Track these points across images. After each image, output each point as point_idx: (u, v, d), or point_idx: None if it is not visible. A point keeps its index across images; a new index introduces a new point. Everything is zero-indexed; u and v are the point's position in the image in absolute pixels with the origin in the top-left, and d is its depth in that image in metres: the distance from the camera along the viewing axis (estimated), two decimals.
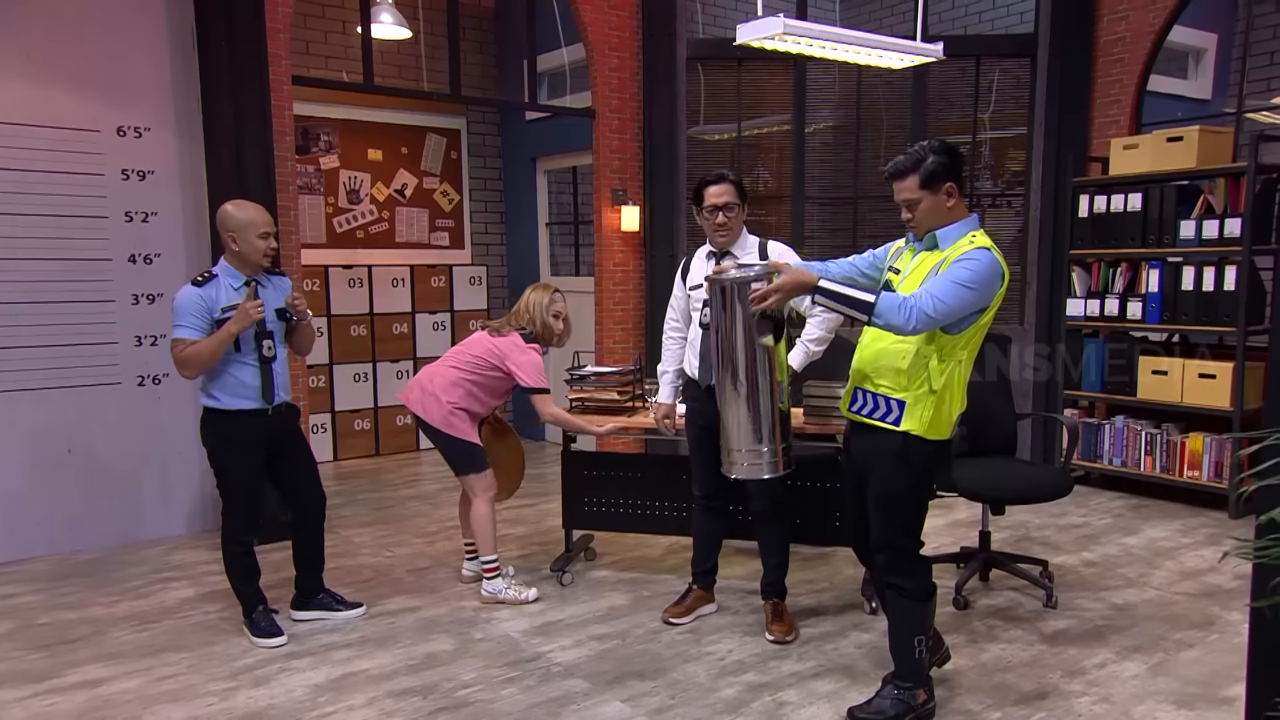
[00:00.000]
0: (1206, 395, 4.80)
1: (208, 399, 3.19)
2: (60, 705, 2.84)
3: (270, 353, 3.22)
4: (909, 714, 2.64)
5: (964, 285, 2.38)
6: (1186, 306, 4.88)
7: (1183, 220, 4.90)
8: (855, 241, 6.11)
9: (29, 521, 4.22)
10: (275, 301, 3.25)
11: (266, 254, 3.19)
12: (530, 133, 6.77)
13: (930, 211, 2.52)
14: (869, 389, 2.60)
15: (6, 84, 4.03)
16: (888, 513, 2.59)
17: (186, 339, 3.07)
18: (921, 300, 2.38)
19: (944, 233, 2.52)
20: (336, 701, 2.85)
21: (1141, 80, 5.42)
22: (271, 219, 3.24)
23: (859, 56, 3.87)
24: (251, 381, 3.17)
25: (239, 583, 3.29)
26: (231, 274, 3.18)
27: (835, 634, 3.32)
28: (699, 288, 3.28)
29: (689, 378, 3.37)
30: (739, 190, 3.19)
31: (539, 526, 4.73)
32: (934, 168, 2.48)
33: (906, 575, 2.61)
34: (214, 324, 3.10)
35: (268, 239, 3.18)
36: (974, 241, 2.49)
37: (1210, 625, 3.38)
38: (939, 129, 6.06)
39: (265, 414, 3.21)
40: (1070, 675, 2.98)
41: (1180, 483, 4.96)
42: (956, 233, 2.52)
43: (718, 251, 3.26)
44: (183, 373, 3.15)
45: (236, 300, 3.12)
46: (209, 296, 3.11)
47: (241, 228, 3.13)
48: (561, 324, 3.70)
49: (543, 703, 2.83)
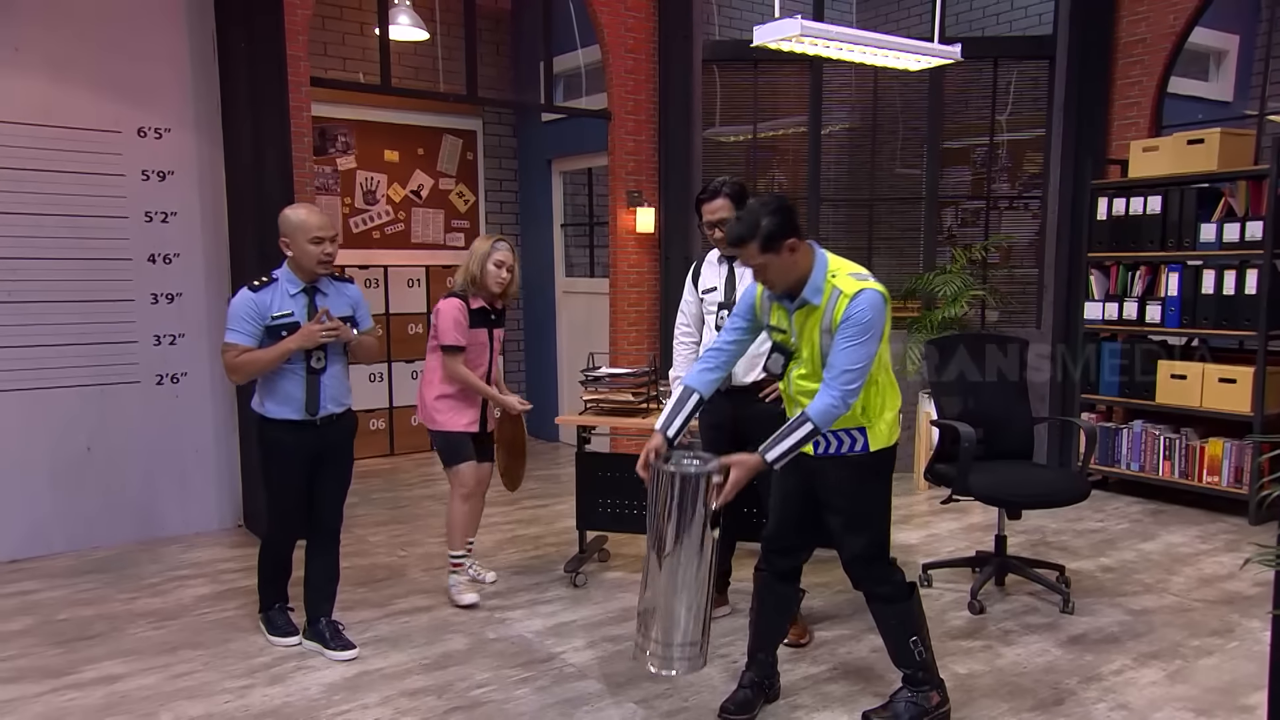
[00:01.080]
0: (1226, 400, 4.75)
1: (257, 405, 3.12)
2: (79, 701, 2.87)
3: (320, 364, 3.09)
4: (924, 717, 2.62)
5: (864, 341, 2.41)
6: (1207, 310, 4.83)
7: (1203, 223, 4.85)
8: (871, 244, 6.09)
9: (49, 518, 4.26)
10: (337, 310, 3.12)
11: (322, 260, 3.03)
12: (546, 134, 6.79)
13: (780, 271, 2.46)
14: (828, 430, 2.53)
15: (31, 85, 4.08)
16: (868, 530, 2.59)
17: (237, 345, 2.99)
18: (842, 380, 2.41)
19: (809, 290, 2.48)
20: (351, 700, 2.86)
21: (1162, 82, 5.38)
22: (330, 222, 3.07)
23: (876, 58, 3.86)
24: (296, 393, 3.06)
25: (265, 576, 3.28)
26: (290, 279, 3.06)
27: (849, 637, 3.31)
28: (712, 291, 3.29)
29: None
30: (736, 202, 3.17)
31: (552, 527, 4.74)
32: (770, 229, 2.40)
33: (882, 580, 2.61)
34: (265, 330, 3.00)
35: (321, 244, 3.01)
36: (841, 287, 2.45)
37: (1230, 632, 3.34)
38: (956, 131, 6.04)
39: (311, 425, 3.10)
40: (1087, 681, 2.96)
41: (1199, 488, 4.91)
42: (818, 281, 2.47)
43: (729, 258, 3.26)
44: (231, 378, 3.13)
45: (291, 308, 3.03)
46: (261, 302, 3.00)
47: (294, 231, 3.00)
48: (505, 273, 3.56)
49: (556, 704, 2.83)
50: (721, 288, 3.27)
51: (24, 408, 4.17)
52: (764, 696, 2.80)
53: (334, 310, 3.11)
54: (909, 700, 2.64)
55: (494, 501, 5.23)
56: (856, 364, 2.41)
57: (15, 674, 3.06)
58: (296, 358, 3.04)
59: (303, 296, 3.06)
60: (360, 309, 3.23)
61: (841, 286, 2.45)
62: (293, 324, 3.03)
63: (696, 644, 2.51)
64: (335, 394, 3.15)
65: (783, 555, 2.75)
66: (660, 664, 2.49)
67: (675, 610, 2.47)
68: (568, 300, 6.88)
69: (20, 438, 4.16)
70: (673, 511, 2.47)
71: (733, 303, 3.24)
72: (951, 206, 6.19)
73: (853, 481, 2.58)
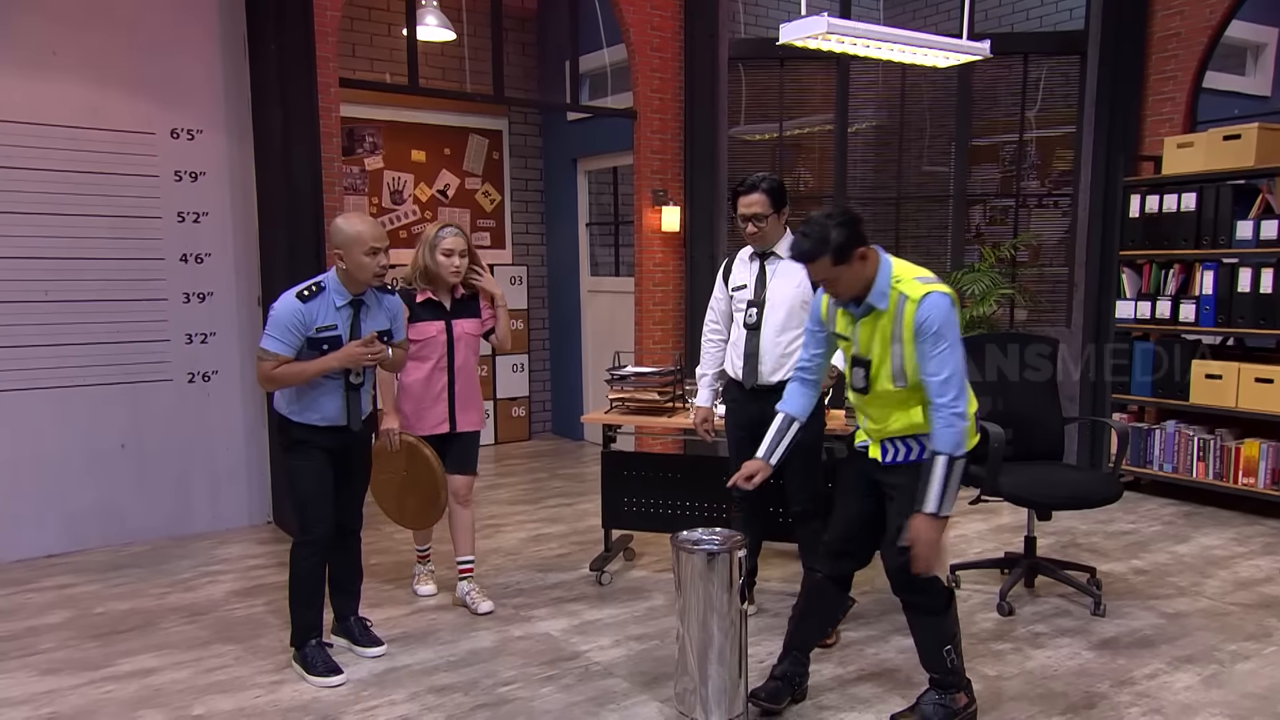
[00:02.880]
0: (1263, 400, 4.66)
1: (281, 407, 3.02)
2: (114, 694, 2.92)
3: (359, 380, 3.02)
4: (951, 718, 2.60)
5: (947, 348, 2.41)
6: (1243, 309, 4.74)
7: (1239, 220, 4.77)
8: (898, 242, 6.04)
9: (84, 514, 4.34)
10: (379, 323, 3.04)
11: (378, 273, 2.92)
12: (572, 133, 6.80)
13: (851, 282, 2.47)
14: (897, 437, 2.59)
15: (68, 88, 4.15)
16: None
17: (276, 354, 2.86)
18: (941, 394, 2.41)
19: (874, 295, 2.48)
20: (379, 696, 2.88)
21: (1197, 77, 5.29)
22: (383, 233, 2.95)
23: (903, 55, 3.82)
24: (334, 409, 2.98)
25: (298, 601, 3.02)
26: (339, 290, 2.94)
27: (877, 638, 3.29)
28: (742, 289, 3.28)
29: (730, 379, 3.35)
30: (772, 198, 3.15)
31: (577, 526, 4.75)
32: (840, 242, 2.40)
33: (925, 590, 2.57)
34: (305, 342, 2.90)
35: (376, 255, 2.89)
36: (906, 292, 2.44)
37: (1268, 637, 3.28)
38: (984, 128, 5.98)
39: (340, 429, 3.02)
40: (1119, 685, 2.92)
41: (1234, 490, 4.83)
42: (883, 286, 2.47)
43: (758, 253, 3.26)
44: (263, 386, 3.01)
45: (335, 320, 2.92)
46: (309, 313, 2.88)
47: (349, 244, 2.87)
48: (458, 261, 3.33)
49: (581, 701, 2.84)
50: (752, 285, 3.26)
51: (60, 405, 4.24)
52: (792, 693, 2.79)
53: (373, 323, 3.02)
54: (936, 702, 2.62)
55: (519, 500, 5.26)
56: (946, 372, 2.40)
57: (53, 666, 3.12)
58: (336, 373, 2.95)
59: (348, 310, 2.96)
60: (398, 320, 3.15)
61: (907, 291, 2.44)
62: (335, 338, 2.92)
63: (738, 717, 2.58)
64: (365, 404, 3.09)
65: (840, 559, 2.74)
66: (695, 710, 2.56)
67: (713, 687, 2.53)
68: (593, 299, 6.89)
69: (56, 435, 4.24)
70: (702, 589, 2.51)
71: (763, 301, 3.23)
72: (979, 204, 6.13)
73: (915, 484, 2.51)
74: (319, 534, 3.02)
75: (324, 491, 3.03)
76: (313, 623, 3.06)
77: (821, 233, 2.41)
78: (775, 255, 3.25)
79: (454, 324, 3.44)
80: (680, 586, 2.57)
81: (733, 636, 2.54)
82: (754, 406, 3.23)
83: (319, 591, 3.09)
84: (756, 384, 3.22)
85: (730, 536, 2.59)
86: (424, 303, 3.40)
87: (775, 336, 3.21)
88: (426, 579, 3.78)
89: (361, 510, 3.25)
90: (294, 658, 3.06)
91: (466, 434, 3.54)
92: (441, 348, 3.43)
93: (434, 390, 3.43)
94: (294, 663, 3.06)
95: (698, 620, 2.53)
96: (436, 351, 3.42)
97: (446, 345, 3.43)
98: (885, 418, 2.58)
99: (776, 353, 3.20)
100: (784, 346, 3.20)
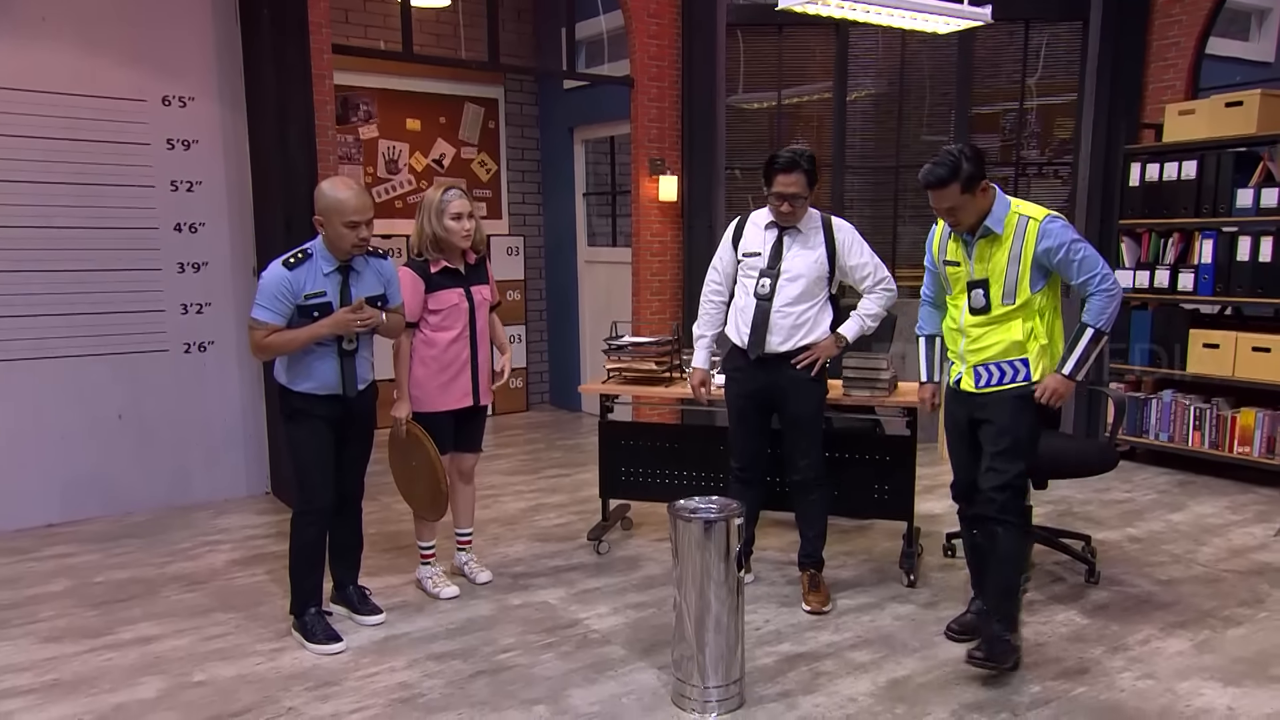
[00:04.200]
0: (1260, 369, 4.66)
1: (280, 376, 2.99)
2: (116, 661, 2.94)
3: (352, 346, 2.96)
4: (1011, 655, 2.76)
5: (1084, 246, 2.73)
6: (1242, 278, 4.73)
7: (1239, 189, 4.74)
8: (896, 211, 6.01)
9: (83, 484, 4.35)
10: (371, 288, 2.98)
11: (356, 245, 2.86)
12: (568, 102, 6.73)
13: (972, 210, 2.75)
14: (990, 362, 2.81)
15: (57, 55, 4.09)
16: (1019, 456, 2.79)
17: (266, 323, 2.84)
18: (1097, 282, 2.72)
19: (990, 220, 2.76)
20: (379, 663, 2.90)
21: (1200, 43, 5.23)
22: (368, 204, 2.86)
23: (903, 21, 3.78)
24: (330, 375, 2.94)
25: (298, 570, 3.03)
26: (325, 256, 2.89)
27: (873, 606, 3.31)
28: (755, 256, 3.23)
29: (735, 346, 3.31)
30: (810, 179, 3.11)
31: (576, 495, 4.76)
32: (970, 172, 2.69)
33: (1017, 511, 2.82)
34: (296, 310, 2.86)
35: (356, 228, 2.83)
36: (1028, 214, 2.75)
37: (1260, 603, 3.31)
38: (985, 96, 5.91)
39: (339, 398, 2.98)
40: (1113, 651, 2.94)
41: (1230, 459, 4.85)
42: (1000, 214, 2.77)
43: (780, 225, 3.22)
44: (256, 356, 2.97)
45: (324, 286, 2.88)
46: (296, 280, 2.84)
47: (329, 211, 2.82)
48: (468, 224, 3.20)
49: (580, 668, 2.86)
50: (766, 255, 3.21)
51: (57, 376, 4.23)
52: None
53: (366, 288, 2.96)
54: (1001, 639, 2.76)
55: (517, 470, 5.28)
56: (1097, 266, 2.71)
57: (55, 634, 3.13)
58: (328, 339, 2.91)
59: (337, 276, 2.90)
60: (392, 285, 3.08)
61: (1029, 213, 2.75)
62: (325, 304, 2.89)
63: (734, 684, 2.60)
64: (363, 372, 3.05)
65: (972, 493, 2.92)
66: (699, 708, 2.58)
67: (710, 654, 2.55)
68: (590, 269, 6.86)
69: (54, 405, 4.24)
70: (699, 557, 2.53)
71: (778, 272, 3.19)
72: None
73: (1013, 412, 2.78)
74: (320, 504, 3.01)
75: (324, 461, 3.01)
76: (312, 591, 3.06)
77: (954, 162, 2.68)
78: (796, 229, 3.20)
79: (472, 290, 3.31)
80: (677, 555, 2.58)
81: (729, 604, 2.55)
82: (761, 375, 3.22)
83: (319, 561, 3.08)
84: (763, 353, 3.20)
85: (727, 505, 2.60)
86: (440, 271, 3.24)
87: (789, 308, 3.17)
88: (443, 580, 3.47)
89: (363, 479, 3.24)
90: (294, 626, 3.07)
91: (483, 409, 3.45)
92: (465, 315, 3.28)
93: (459, 361, 3.29)
94: (294, 631, 3.07)
95: (695, 588, 2.55)
96: (460, 320, 3.27)
97: (469, 313, 3.29)
98: (987, 338, 2.80)
99: (787, 324, 3.18)
100: (795, 317, 3.18)
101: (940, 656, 2.91)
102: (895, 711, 2.59)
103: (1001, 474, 2.76)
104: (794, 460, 3.28)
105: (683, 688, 2.61)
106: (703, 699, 2.57)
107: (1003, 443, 2.78)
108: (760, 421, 3.34)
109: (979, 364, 2.83)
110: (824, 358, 3.21)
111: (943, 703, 2.63)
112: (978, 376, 2.84)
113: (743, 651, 2.64)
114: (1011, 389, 2.78)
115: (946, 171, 2.68)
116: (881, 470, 3.63)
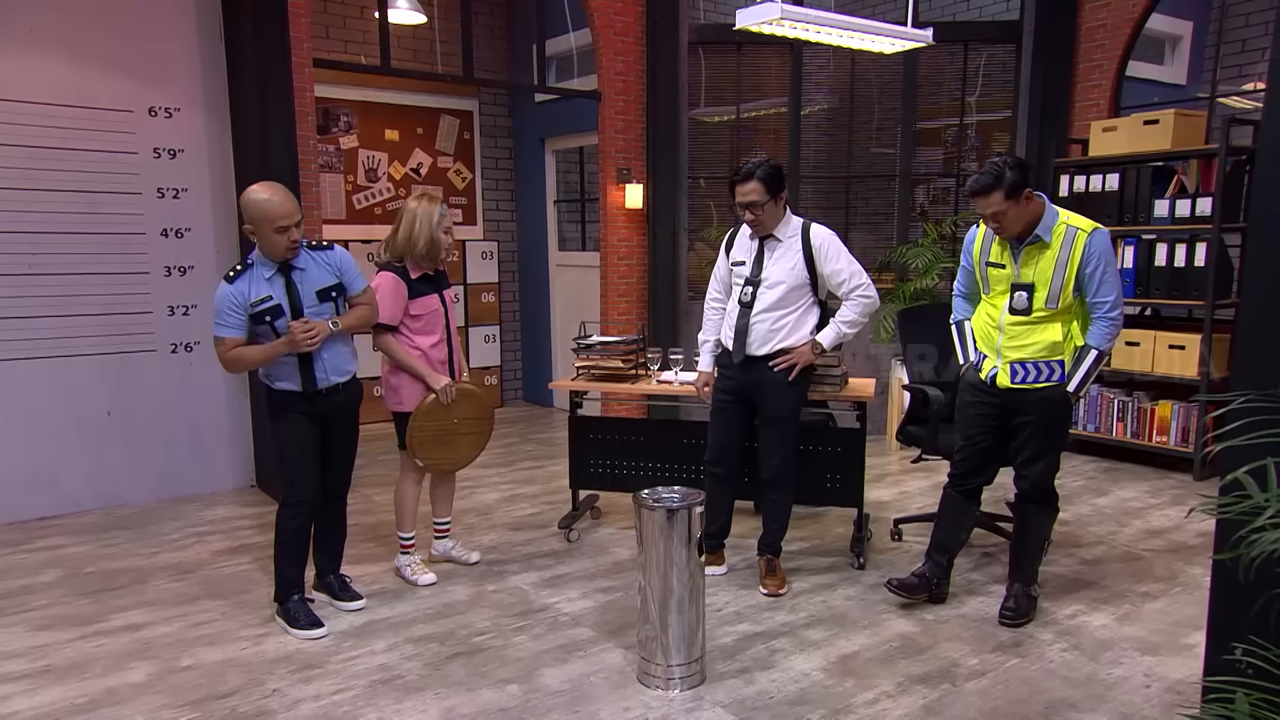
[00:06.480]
0: (1176, 365, 4.80)
1: (263, 375, 2.98)
2: (106, 647, 2.89)
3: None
4: (1033, 607, 3.04)
5: (1114, 270, 2.80)
6: (1159, 281, 4.86)
7: (1157, 199, 4.87)
8: (848, 219, 6.08)
9: (76, 478, 4.26)
10: (322, 279, 2.90)
11: (289, 249, 2.80)
12: (539, 114, 6.72)
13: (1016, 217, 2.78)
14: (1029, 360, 2.88)
15: (46, 66, 4.00)
16: (1055, 446, 2.97)
17: (227, 339, 2.82)
18: (1108, 309, 2.81)
19: (1040, 228, 2.80)
20: (360, 646, 2.89)
21: (1121, 65, 5.36)
22: (294, 207, 2.79)
23: (852, 41, 3.83)
24: (292, 374, 2.91)
25: (283, 558, 3.00)
26: (264, 262, 2.84)
27: (825, 587, 3.36)
28: (740, 265, 3.26)
29: (723, 347, 3.35)
30: (767, 185, 3.08)
31: (548, 486, 4.77)
32: (1013, 180, 2.72)
33: (1052, 490, 3.02)
34: (250, 319, 2.83)
35: (286, 232, 2.76)
36: (1077, 225, 2.79)
37: (1174, 579, 3.41)
38: (929, 112, 6.01)
39: (316, 394, 2.95)
40: (1043, 625, 3.02)
41: (1149, 447, 4.98)
42: (1050, 222, 2.80)
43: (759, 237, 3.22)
44: (227, 370, 2.95)
45: (268, 292, 2.83)
46: (240, 292, 2.81)
47: (258, 222, 2.75)
48: (452, 238, 3.33)
49: (551, 649, 2.87)
50: (750, 263, 3.23)
51: (49, 375, 4.15)
52: (928, 591, 3.13)
53: (317, 280, 2.89)
54: (1027, 594, 3.05)
55: (492, 463, 5.26)
56: (1114, 294, 2.79)
57: (47, 622, 3.08)
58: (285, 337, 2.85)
59: (279, 278, 2.85)
60: (347, 272, 2.97)
61: (1078, 224, 2.79)
62: (274, 307, 2.83)
63: (696, 661, 2.63)
64: (336, 365, 2.98)
65: (970, 477, 3.11)
66: (663, 685, 2.60)
67: (673, 634, 2.58)
68: (561, 273, 6.85)
69: (47, 403, 4.15)
70: (662, 544, 2.54)
71: (759, 280, 3.19)
72: (924, 184, 6.19)
73: (1048, 411, 2.89)
74: (304, 495, 2.98)
75: (307, 454, 2.98)
76: (295, 579, 3.04)
77: (998, 171, 2.72)
78: (774, 239, 3.20)
79: (445, 294, 3.38)
80: (642, 542, 2.60)
81: (690, 587, 2.58)
82: (743, 376, 3.25)
83: (303, 550, 3.05)
84: (745, 355, 3.23)
85: (689, 494, 2.62)
86: (420, 278, 3.27)
87: (766, 314, 3.18)
88: (421, 567, 3.45)
89: (349, 476, 3.21)
90: (277, 612, 3.05)
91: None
92: (441, 319, 3.33)
93: (439, 364, 3.33)
94: (278, 617, 3.04)
95: (658, 573, 2.57)
96: (439, 323, 3.32)
97: (445, 315, 3.35)
98: (1026, 337, 2.87)
99: (764, 329, 3.19)
100: (772, 322, 3.19)
101: (887, 633, 2.96)
102: (845, 685, 2.63)
103: (1041, 464, 2.94)
104: (765, 458, 3.30)
105: (647, 666, 2.63)
106: (666, 676, 2.60)
107: (1033, 443, 2.93)
108: (738, 418, 3.34)
109: (1016, 360, 2.89)
110: (801, 363, 3.20)
111: (889, 676, 2.68)
112: (1014, 372, 2.90)
113: (704, 631, 2.67)
114: (1047, 388, 2.88)
115: (991, 179, 2.72)
116: (834, 461, 3.67)
